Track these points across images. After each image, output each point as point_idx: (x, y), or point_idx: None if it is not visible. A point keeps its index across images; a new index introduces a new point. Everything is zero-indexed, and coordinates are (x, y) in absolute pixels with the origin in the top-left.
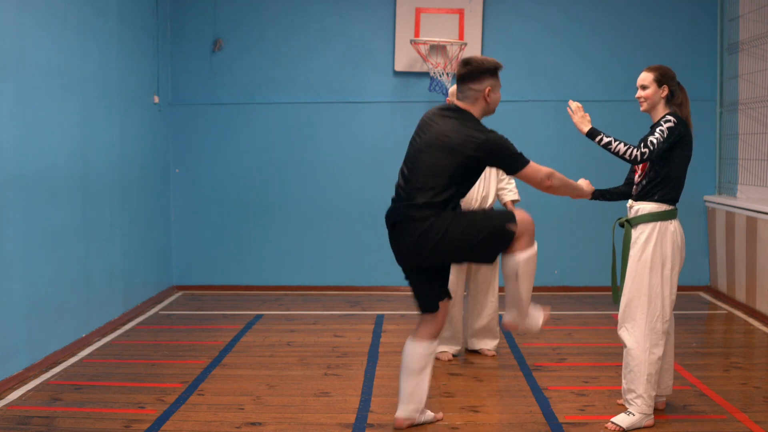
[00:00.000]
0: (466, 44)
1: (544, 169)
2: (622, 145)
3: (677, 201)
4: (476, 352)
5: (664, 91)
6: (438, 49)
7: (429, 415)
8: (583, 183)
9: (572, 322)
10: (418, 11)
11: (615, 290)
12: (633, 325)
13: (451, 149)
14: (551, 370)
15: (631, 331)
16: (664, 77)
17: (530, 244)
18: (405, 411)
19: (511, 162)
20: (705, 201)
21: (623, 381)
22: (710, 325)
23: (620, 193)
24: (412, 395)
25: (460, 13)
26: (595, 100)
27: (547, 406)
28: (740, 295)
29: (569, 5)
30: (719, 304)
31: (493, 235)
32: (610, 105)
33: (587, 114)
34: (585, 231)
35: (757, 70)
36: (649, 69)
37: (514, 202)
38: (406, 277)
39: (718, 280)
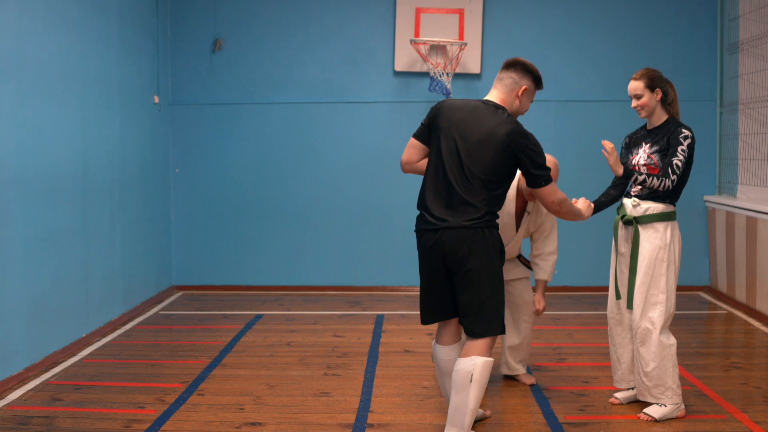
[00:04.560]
0: (466, 44)
1: (560, 194)
2: (655, 179)
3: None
4: (514, 378)
5: (658, 95)
6: (438, 49)
7: (479, 412)
8: (583, 206)
9: (572, 322)
10: (418, 11)
11: (617, 287)
12: (653, 324)
13: (497, 145)
14: (551, 370)
15: (651, 329)
16: (654, 81)
17: (490, 353)
18: None
19: (539, 173)
20: (705, 201)
21: (643, 379)
22: (710, 325)
23: (613, 198)
24: None
25: (460, 13)
26: (595, 100)
27: (547, 406)
28: (740, 295)
29: (569, 5)
30: (719, 304)
31: (488, 314)
32: (610, 105)
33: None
34: (585, 231)
35: (757, 70)
36: (637, 77)
37: (544, 283)
38: (425, 285)
39: (718, 280)
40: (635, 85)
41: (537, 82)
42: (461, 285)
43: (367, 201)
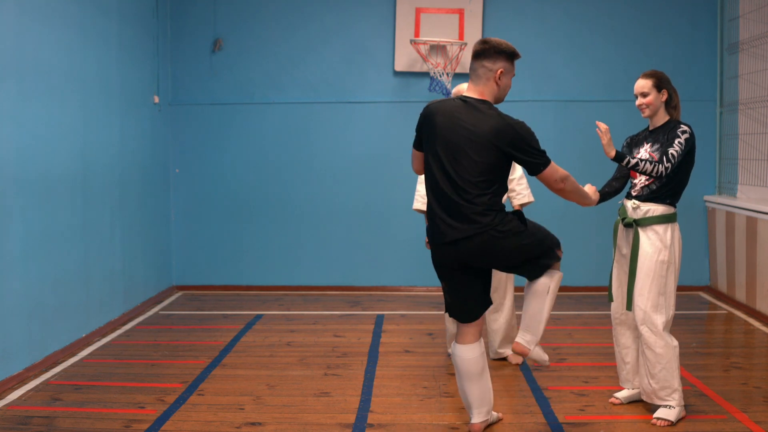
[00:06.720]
0: (466, 44)
1: (561, 171)
2: (648, 164)
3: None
4: (503, 359)
5: (664, 96)
6: (438, 49)
7: (494, 415)
8: (590, 191)
9: (572, 322)
10: (418, 11)
11: (611, 289)
12: (655, 326)
13: (485, 145)
14: (551, 370)
15: (654, 331)
16: (662, 82)
17: (559, 268)
18: (480, 415)
19: (536, 160)
20: (705, 201)
21: (650, 382)
22: (710, 325)
23: (616, 190)
24: (482, 398)
25: (460, 13)
26: (595, 100)
27: (547, 406)
28: (740, 295)
29: (569, 5)
30: (719, 304)
31: (544, 253)
32: (610, 105)
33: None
34: (585, 231)
35: (757, 70)
36: (646, 76)
37: (523, 205)
38: (447, 288)
39: (718, 280)
40: (643, 83)
41: (511, 57)
42: (496, 267)
43: (368, 201)
